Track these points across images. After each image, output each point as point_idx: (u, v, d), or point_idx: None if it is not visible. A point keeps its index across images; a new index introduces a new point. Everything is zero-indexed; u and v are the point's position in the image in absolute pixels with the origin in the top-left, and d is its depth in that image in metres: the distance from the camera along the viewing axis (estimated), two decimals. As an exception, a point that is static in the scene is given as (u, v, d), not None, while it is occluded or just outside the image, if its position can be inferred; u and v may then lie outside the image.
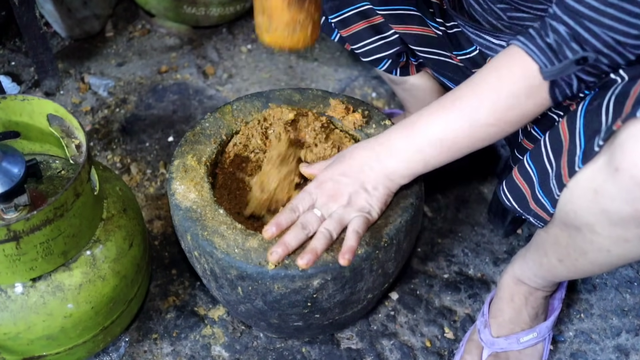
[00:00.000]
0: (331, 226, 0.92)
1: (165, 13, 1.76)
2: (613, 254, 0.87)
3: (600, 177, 0.78)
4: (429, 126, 0.90)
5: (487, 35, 1.10)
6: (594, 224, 0.83)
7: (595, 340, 1.24)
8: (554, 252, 0.99)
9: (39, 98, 1.01)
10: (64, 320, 0.99)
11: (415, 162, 0.92)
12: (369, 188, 0.94)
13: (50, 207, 0.88)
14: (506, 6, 1.01)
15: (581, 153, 0.82)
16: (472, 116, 0.87)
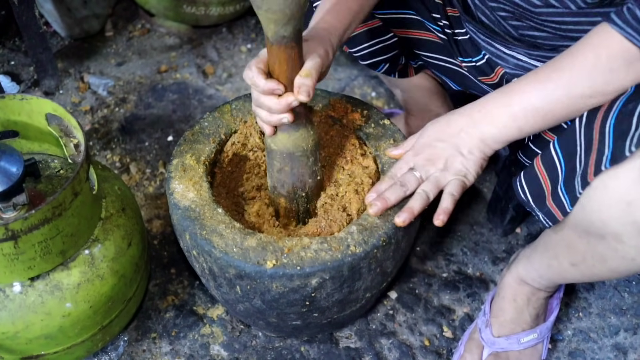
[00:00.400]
0: (428, 187, 0.95)
1: (165, 12, 1.76)
2: (636, 263, 0.86)
3: (635, 190, 0.78)
4: (526, 95, 0.90)
5: (498, 44, 1.09)
6: (622, 234, 0.83)
7: (593, 339, 1.24)
8: (567, 256, 0.99)
9: (38, 97, 1.01)
10: (62, 320, 0.99)
11: (511, 128, 0.93)
12: (464, 152, 0.95)
13: (49, 206, 0.88)
14: (519, 23, 1.01)
15: (609, 153, 0.81)
16: (570, 88, 0.87)
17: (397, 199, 0.95)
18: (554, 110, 0.89)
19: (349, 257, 0.95)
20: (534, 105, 0.90)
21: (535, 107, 0.90)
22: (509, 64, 1.09)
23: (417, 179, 0.96)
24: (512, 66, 1.08)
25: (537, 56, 1.04)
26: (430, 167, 0.96)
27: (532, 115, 0.91)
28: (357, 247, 0.96)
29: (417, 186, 0.96)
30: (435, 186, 0.96)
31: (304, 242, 0.97)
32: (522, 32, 1.01)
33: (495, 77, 1.13)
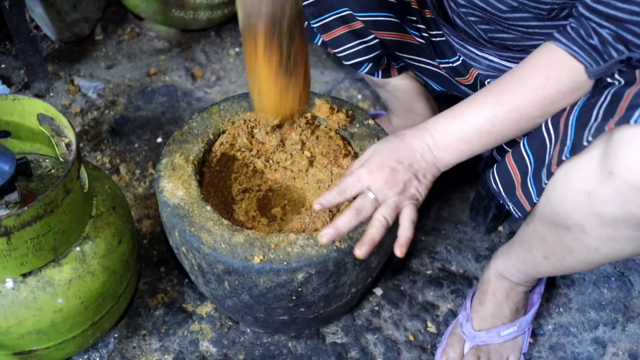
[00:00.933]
0: (387, 213, 0.92)
1: (154, 16, 1.78)
2: (601, 253, 0.90)
3: (594, 180, 0.81)
4: (478, 118, 0.93)
5: (471, 47, 1.13)
6: (584, 224, 0.87)
7: (573, 334, 1.27)
8: (540, 249, 1.02)
9: (30, 98, 1.04)
10: (54, 315, 1.01)
11: (464, 152, 0.96)
12: (420, 176, 0.96)
13: (41, 203, 0.91)
14: (488, 27, 1.05)
15: (570, 144, 0.85)
16: (520, 111, 0.91)
17: (350, 228, 0.92)
18: (505, 131, 0.93)
19: (334, 252, 0.98)
20: (486, 129, 0.93)
21: (487, 131, 0.93)
22: (482, 65, 1.13)
23: (372, 202, 0.93)
24: (485, 67, 1.13)
25: (507, 57, 1.09)
26: (388, 191, 0.93)
27: (484, 138, 0.94)
28: (342, 243, 0.99)
29: (372, 211, 0.93)
30: (394, 212, 0.93)
31: (290, 238, 1.00)
32: (492, 35, 1.06)
33: (470, 78, 1.17)
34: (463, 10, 1.06)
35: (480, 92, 0.95)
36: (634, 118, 0.74)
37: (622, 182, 0.76)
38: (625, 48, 0.83)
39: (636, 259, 1.39)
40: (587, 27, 0.85)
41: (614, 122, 0.77)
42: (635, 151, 0.74)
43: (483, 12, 1.02)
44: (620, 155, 0.75)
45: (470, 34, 1.11)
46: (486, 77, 1.15)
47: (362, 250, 0.90)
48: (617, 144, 0.76)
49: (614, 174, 0.77)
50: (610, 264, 1.38)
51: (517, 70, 0.92)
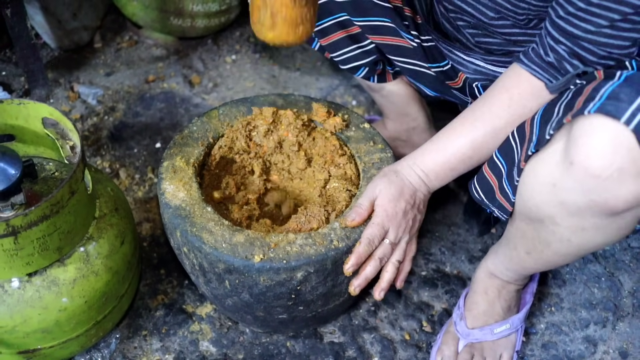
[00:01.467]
0: (400, 256, 1.06)
1: (152, 25, 1.81)
2: (574, 244, 0.94)
3: (558, 172, 0.85)
4: (459, 147, 1.04)
5: (458, 52, 1.19)
6: (554, 215, 0.91)
7: (565, 332, 1.30)
8: (522, 245, 1.06)
9: (35, 102, 1.06)
10: (58, 314, 1.03)
11: (451, 177, 1.07)
12: (420, 208, 1.08)
13: (47, 203, 0.93)
14: (475, 31, 1.10)
15: (535, 139, 0.90)
16: (494, 132, 1.01)
17: (375, 274, 1.04)
18: (484, 152, 1.03)
19: (332, 251, 1.01)
20: (468, 155, 1.04)
21: (469, 156, 1.04)
22: (469, 69, 1.19)
23: (390, 249, 1.05)
24: (472, 71, 1.18)
25: (492, 61, 1.14)
26: (401, 233, 1.05)
27: (467, 162, 1.05)
28: (339, 242, 1.02)
29: (390, 255, 1.05)
30: (404, 252, 1.07)
31: (290, 237, 1.02)
32: (478, 39, 1.12)
33: (459, 82, 1.22)
34: (452, 15, 1.11)
35: (457, 121, 1.05)
36: (588, 109, 0.78)
37: (582, 171, 0.80)
38: (580, 63, 0.91)
39: (625, 259, 1.42)
40: (545, 45, 0.93)
41: (572, 114, 0.82)
42: (592, 141, 0.78)
43: (470, 17, 1.07)
44: (579, 145, 0.80)
45: (459, 38, 1.16)
46: (474, 81, 1.20)
47: (382, 294, 1.05)
48: (575, 135, 0.80)
49: (574, 163, 0.81)
50: (600, 264, 1.41)
51: (485, 96, 1.02)
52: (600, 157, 0.77)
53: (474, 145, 1.02)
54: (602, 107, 0.77)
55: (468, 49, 1.17)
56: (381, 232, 1.03)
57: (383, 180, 1.06)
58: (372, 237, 1.02)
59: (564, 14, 0.88)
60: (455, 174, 1.06)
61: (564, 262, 1.04)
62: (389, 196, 1.04)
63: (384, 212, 1.03)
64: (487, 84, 1.13)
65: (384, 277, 1.05)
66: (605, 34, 0.86)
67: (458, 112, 1.53)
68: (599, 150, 0.77)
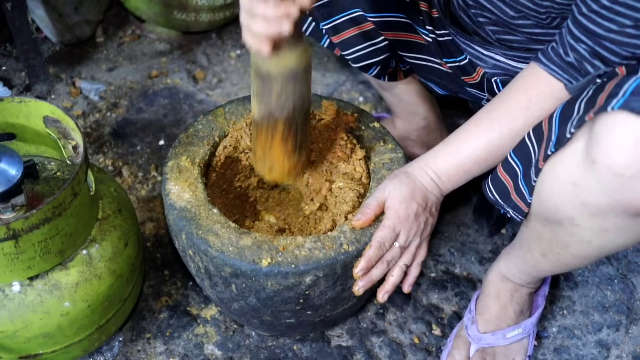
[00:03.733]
0: (408, 260, 1.04)
1: (156, 19, 1.78)
2: (594, 245, 0.91)
3: (579, 171, 0.82)
4: (473, 150, 1.01)
5: (477, 46, 1.15)
6: (574, 216, 0.87)
7: (577, 336, 1.28)
8: (537, 247, 1.03)
9: (36, 100, 1.03)
10: (60, 319, 1.01)
11: (465, 179, 1.05)
12: (433, 211, 1.05)
13: (49, 206, 0.90)
14: (495, 28, 1.06)
15: (555, 138, 0.86)
16: (511, 133, 0.98)
17: (381, 276, 1.01)
18: (499, 154, 1.00)
19: (342, 255, 0.98)
20: (482, 157, 1.01)
21: (484, 158, 1.01)
22: (488, 64, 1.15)
23: (399, 252, 1.02)
24: (491, 66, 1.15)
25: (512, 56, 1.11)
26: (412, 237, 1.02)
27: (482, 164, 1.02)
28: (349, 246, 0.99)
29: (398, 258, 1.03)
30: (412, 258, 1.04)
31: (298, 241, 1.00)
32: (499, 36, 1.08)
33: (477, 77, 1.18)
34: (473, 11, 1.08)
35: (471, 122, 1.01)
36: (611, 105, 0.75)
37: (605, 169, 0.77)
38: (601, 63, 0.87)
39: (638, 261, 1.40)
40: (565, 44, 0.89)
41: (594, 111, 0.78)
42: (615, 138, 0.75)
43: (492, 14, 1.04)
44: (602, 143, 0.77)
45: (479, 33, 1.12)
46: (492, 76, 1.16)
47: (386, 297, 1.03)
48: (598, 132, 0.77)
49: (596, 162, 0.78)
50: (612, 265, 1.38)
51: (502, 96, 0.99)
52: (624, 155, 0.74)
53: (490, 148, 0.99)
54: (626, 104, 0.74)
55: (488, 43, 1.13)
56: (392, 235, 1.00)
57: (393, 181, 1.03)
58: (383, 240, 0.99)
59: (587, 12, 0.84)
60: (469, 177, 1.03)
61: (581, 265, 1.01)
62: (400, 198, 1.01)
63: (395, 214, 1.00)
64: (507, 80, 1.09)
65: (389, 281, 1.02)
66: (628, 34, 0.82)
67: (468, 110, 1.50)
68: (623, 148, 0.74)
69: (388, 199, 1.01)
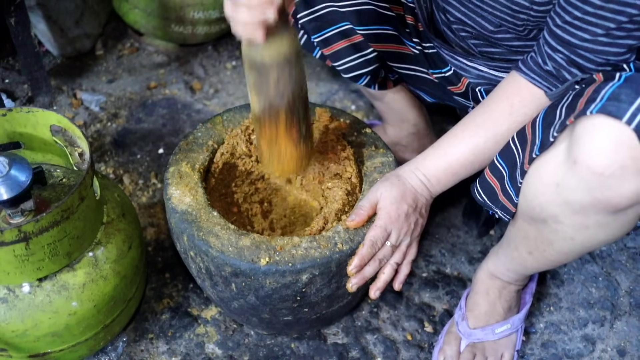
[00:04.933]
0: (399, 259, 1.08)
1: (154, 32, 1.83)
2: (577, 242, 0.96)
3: (562, 171, 0.87)
4: (461, 153, 1.06)
5: (461, 58, 1.21)
6: (557, 214, 0.93)
7: (564, 331, 1.33)
8: (524, 245, 1.09)
9: (43, 110, 1.08)
10: (68, 318, 1.05)
11: (453, 182, 1.09)
12: (422, 212, 1.09)
13: (58, 209, 0.95)
14: (477, 42, 1.13)
15: (539, 142, 0.92)
16: (495, 138, 1.03)
17: (373, 274, 1.06)
18: (485, 158, 1.05)
19: (336, 254, 1.03)
20: (469, 160, 1.06)
21: (471, 161, 1.06)
22: (472, 74, 1.21)
23: (391, 250, 1.06)
24: (475, 76, 1.21)
25: (494, 67, 1.17)
26: (402, 236, 1.06)
27: (469, 167, 1.07)
28: (344, 245, 1.04)
29: (390, 256, 1.07)
30: (404, 255, 1.08)
31: (295, 241, 1.05)
32: (481, 49, 1.15)
33: (462, 87, 1.24)
34: (455, 26, 1.14)
35: (458, 128, 1.06)
36: (590, 109, 0.81)
37: (586, 169, 0.82)
38: (578, 71, 0.93)
39: (622, 259, 1.45)
40: (543, 53, 0.96)
41: (574, 115, 0.84)
42: (595, 140, 0.81)
43: (472, 29, 1.10)
44: (582, 145, 0.82)
45: (462, 46, 1.18)
46: (477, 85, 1.22)
47: (378, 294, 1.06)
48: (578, 135, 0.83)
49: (577, 162, 0.83)
50: (597, 264, 1.43)
51: (486, 103, 1.04)
52: (603, 155, 0.80)
53: (476, 151, 1.05)
54: (604, 108, 0.80)
55: (471, 55, 1.19)
56: (384, 235, 1.05)
57: (385, 184, 1.07)
58: (375, 239, 1.04)
59: (561, 23, 0.90)
60: (457, 179, 1.08)
61: (565, 261, 1.07)
62: (391, 199, 1.06)
63: (387, 214, 1.05)
64: (490, 89, 1.15)
65: (381, 278, 1.06)
66: (601, 42, 0.88)
67: (456, 116, 1.56)
68: (602, 148, 0.80)
69: (380, 200, 1.06)
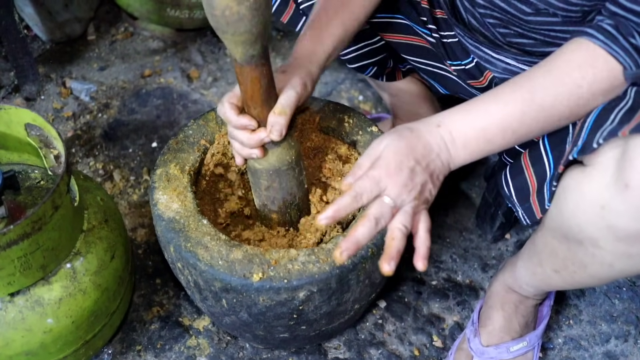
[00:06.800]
0: (407, 221, 0.83)
1: (149, 16, 1.73)
2: (615, 269, 0.85)
3: (609, 194, 0.76)
4: (504, 116, 0.84)
5: (486, 49, 1.06)
6: (598, 238, 0.82)
7: (584, 347, 1.23)
8: (550, 263, 0.98)
9: (17, 107, 0.99)
10: (43, 336, 0.97)
11: (481, 151, 0.87)
12: (434, 178, 0.86)
13: (28, 220, 0.86)
14: (506, 31, 0.99)
15: (581, 144, 0.80)
16: (552, 110, 0.84)
17: (370, 239, 0.81)
18: (531, 131, 0.86)
19: (337, 269, 0.94)
20: (513, 127, 0.85)
21: (514, 130, 0.85)
22: (498, 68, 1.07)
23: (391, 210, 0.82)
24: (501, 70, 1.07)
25: (524, 61, 1.03)
26: (405, 196, 0.83)
27: (508, 137, 0.86)
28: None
29: (391, 218, 0.83)
30: (412, 219, 0.84)
31: (291, 254, 0.95)
32: (510, 39, 1.00)
33: (484, 81, 1.11)
34: (481, 11, 0.99)
35: (504, 87, 0.86)
36: None
37: (638, 195, 0.72)
38: None
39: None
40: (627, 26, 0.79)
41: (630, 128, 0.73)
42: None
43: (503, 14, 0.95)
44: (637, 167, 0.71)
45: (487, 36, 1.04)
46: (502, 80, 1.07)
47: (392, 265, 0.80)
48: (632, 156, 0.72)
49: (629, 187, 0.73)
50: (621, 273, 1.34)
51: (548, 67, 0.84)
52: None
53: (524, 119, 0.83)
54: None
55: (497, 46, 1.05)
56: (373, 187, 0.81)
57: (392, 135, 0.85)
58: (361, 190, 0.81)
59: None
60: (486, 150, 0.87)
61: (597, 285, 0.97)
62: (395, 149, 0.84)
63: (385, 165, 0.83)
64: None
65: (391, 245, 0.81)
66: None
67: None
68: None
69: (382, 151, 0.85)
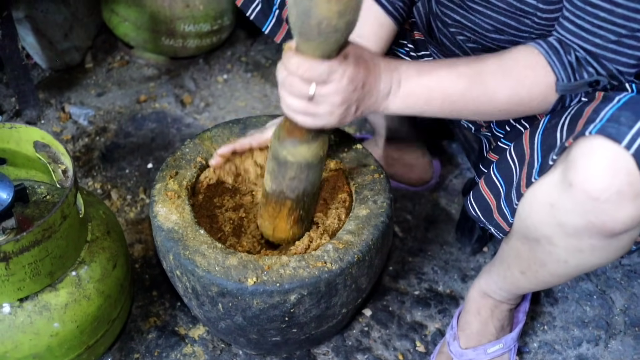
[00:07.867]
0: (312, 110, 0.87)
1: (144, 45, 1.82)
2: (570, 265, 0.94)
3: (556, 192, 0.85)
4: (451, 84, 0.90)
5: None
6: (551, 236, 0.91)
7: (558, 351, 1.31)
8: (516, 265, 1.06)
9: (27, 126, 1.06)
10: (50, 339, 1.03)
11: (415, 108, 0.92)
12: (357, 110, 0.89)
13: (39, 228, 0.93)
14: (475, 46, 1.09)
15: (538, 166, 0.90)
16: (493, 95, 0.91)
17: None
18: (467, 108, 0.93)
19: (325, 273, 1.01)
20: (453, 98, 0.91)
21: (453, 100, 0.91)
22: None
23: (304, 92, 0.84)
24: None
25: None
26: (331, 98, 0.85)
27: (446, 105, 0.92)
28: (333, 264, 1.02)
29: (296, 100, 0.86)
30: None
31: (283, 260, 1.02)
32: (478, 53, 1.10)
33: None
34: (452, 30, 1.10)
35: (461, 61, 0.93)
36: (589, 130, 0.79)
37: (581, 193, 0.80)
38: (595, 72, 0.88)
39: (616, 277, 1.43)
40: (567, 44, 0.89)
41: (573, 137, 0.82)
42: (592, 163, 0.79)
43: (471, 32, 1.06)
44: (579, 167, 0.80)
45: (457, 53, 1.15)
46: None
47: None
48: (575, 157, 0.81)
49: (573, 185, 0.81)
50: (591, 282, 1.42)
51: (499, 59, 0.92)
52: (600, 179, 0.78)
53: (467, 94, 0.90)
54: (603, 129, 0.78)
55: None
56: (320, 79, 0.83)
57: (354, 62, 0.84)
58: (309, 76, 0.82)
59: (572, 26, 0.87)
60: (422, 110, 0.92)
61: (558, 283, 1.05)
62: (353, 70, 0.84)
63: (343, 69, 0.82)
64: None
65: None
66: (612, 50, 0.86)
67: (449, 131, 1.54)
68: (599, 172, 0.78)
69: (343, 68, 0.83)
